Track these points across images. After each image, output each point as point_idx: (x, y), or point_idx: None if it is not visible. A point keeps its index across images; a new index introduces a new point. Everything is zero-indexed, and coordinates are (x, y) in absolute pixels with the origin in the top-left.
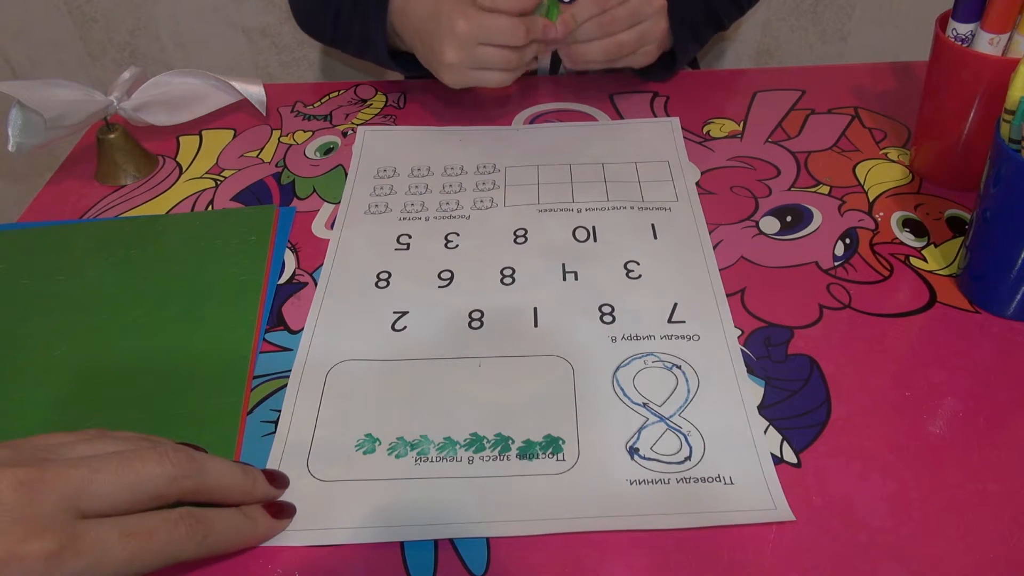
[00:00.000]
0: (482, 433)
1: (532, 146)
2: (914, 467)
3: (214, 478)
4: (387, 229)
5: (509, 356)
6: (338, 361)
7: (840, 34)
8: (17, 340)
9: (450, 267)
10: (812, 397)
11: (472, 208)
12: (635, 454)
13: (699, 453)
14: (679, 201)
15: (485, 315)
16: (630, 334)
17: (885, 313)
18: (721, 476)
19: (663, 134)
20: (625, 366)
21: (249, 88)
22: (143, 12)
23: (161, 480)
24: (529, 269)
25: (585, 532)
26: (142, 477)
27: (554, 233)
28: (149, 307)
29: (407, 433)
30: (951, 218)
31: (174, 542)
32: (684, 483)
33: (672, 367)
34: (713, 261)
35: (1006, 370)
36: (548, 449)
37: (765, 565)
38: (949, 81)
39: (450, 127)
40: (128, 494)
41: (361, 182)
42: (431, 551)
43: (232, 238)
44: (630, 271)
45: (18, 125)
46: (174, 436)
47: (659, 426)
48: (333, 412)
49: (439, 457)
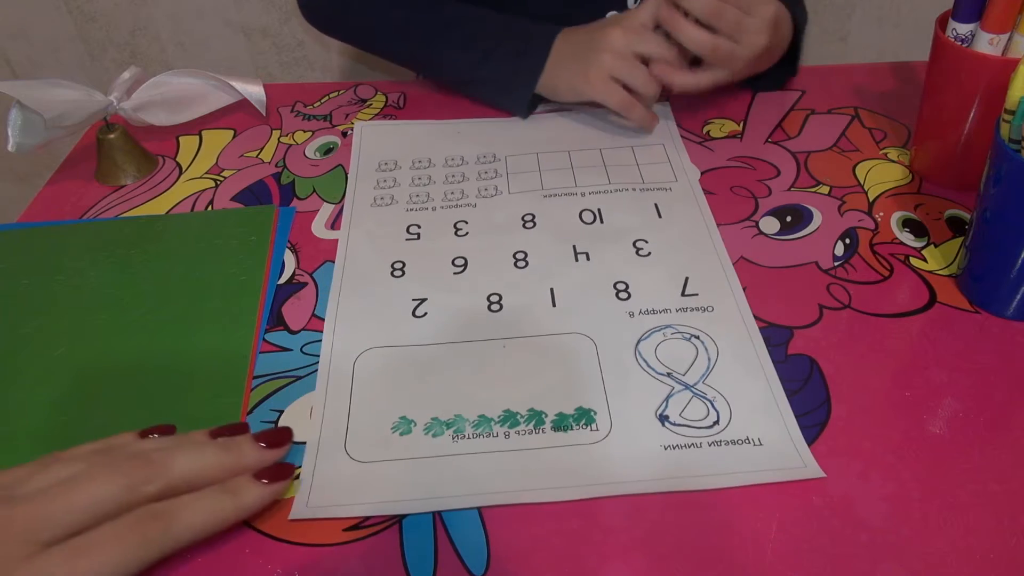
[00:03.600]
0: (515, 410)
1: (529, 136)
2: (914, 467)
3: (183, 471)
4: (396, 221)
5: (532, 336)
6: (363, 350)
7: (840, 34)
8: (17, 340)
9: (463, 254)
10: (812, 397)
11: (477, 196)
12: (666, 421)
13: (726, 417)
14: (678, 181)
15: (503, 299)
16: (647, 309)
17: (885, 313)
18: (750, 438)
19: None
20: (645, 339)
21: (249, 88)
22: (143, 12)
23: (119, 494)
24: (541, 252)
25: (587, 525)
26: (96, 498)
27: (561, 217)
28: (149, 307)
29: (441, 413)
30: (951, 218)
31: (129, 549)
32: (716, 446)
33: (691, 337)
34: (717, 235)
35: (1006, 370)
36: (581, 420)
37: (765, 565)
38: (949, 81)
39: (446, 120)
40: (87, 517)
41: (363, 177)
42: (431, 551)
43: (232, 238)
44: (639, 249)
45: (18, 125)
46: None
47: (685, 394)
48: (365, 398)
49: (475, 434)
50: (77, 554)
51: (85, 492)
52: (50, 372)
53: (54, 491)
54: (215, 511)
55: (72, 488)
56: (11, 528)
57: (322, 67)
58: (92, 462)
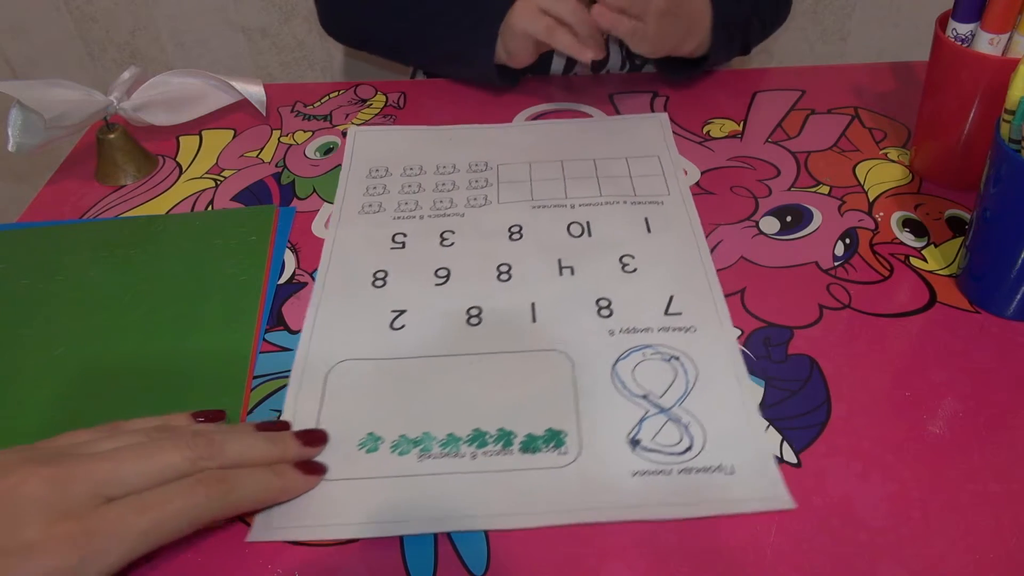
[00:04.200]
0: (484, 428)
1: (523, 144)
2: (914, 467)
3: (236, 454)
4: (382, 228)
5: (509, 352)
6: (338, 361)
7: (840, 34)
8: (17, 340)
9: (447, 265)
10: (812, 397)
11: (466, 206)
12: (636, 446)
13: (700, 443)
14: (671, 195)
15: (483, 312)
16: (628, 327)
17: (885, 313)
18: (722, 466)
19: (652, 129)
20: (624, 359)
21: (249, 88)
22: (143, 12)
23: (183, 465)
24: (525, 265)
25: (587, 526)
26: (164, 465)
27: (549, 229)
28: (149, 307)
29: (409, 431)
30: (951, 218)
31: (194, 506)
32: (686, 473)
33: (670, 359)
34: (707, 253)
35: (1006, 370)
36: (550, 442)
37: (765, 565)
38: (949, 81)
39: (441, 126)
40: (153, 482)
41: (354, 182)
42: (431, 551)
43: (232, 238)
44: (625, 265)
45: (18, 125)
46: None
47: (660, 417)
48: (334, 412)
49: (442, 453)
50: (149, 506)
51: (155, 458)
52: (50, 372)
53: (124, 454)
54: (266, 488)
55: (142, 453)
56: (84, 479)
57: (322, 67)
58: (156, 435)
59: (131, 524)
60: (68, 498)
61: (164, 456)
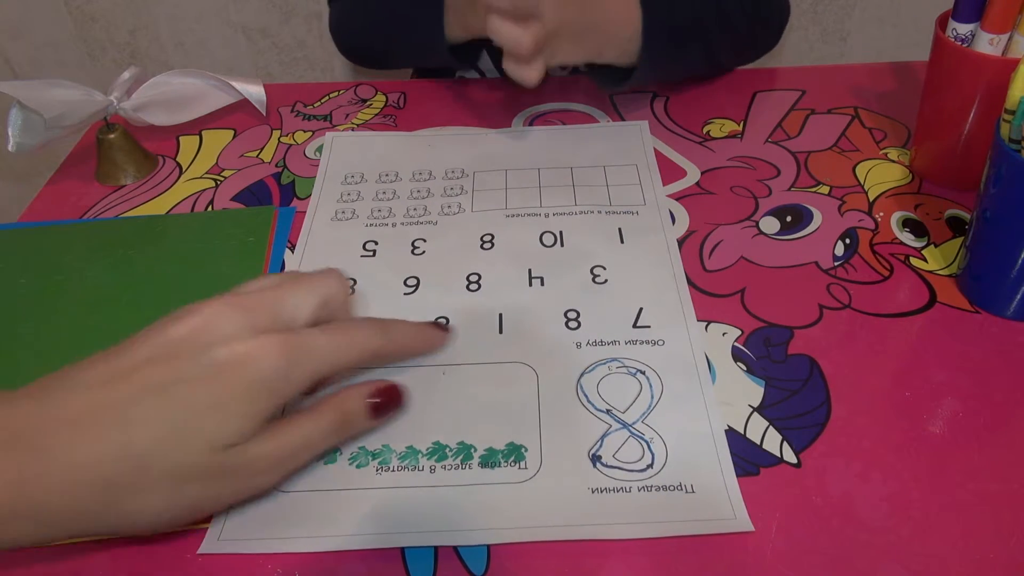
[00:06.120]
0: (444, 441)
1: (502, 149)
2: (914, 467)
3: (400, 345)
4: (353, 236)
5: (474, 363)
6: None
7: (840, 34)
8: (17, 340)
9: (416, 274)
10: (812, 397)
11: (440, 214)
12: (597, 462)
13: (661, 461)
14: (646, 205)
15: (450, 322)
16: (595, 340)
17: (885, 313)
18: (682, 484)
19: (631, 137)
20: (589, 372)
21: (249, 88)
22: (143, 12)
23: (371, 344)
24: (495, 275)
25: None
26: (355, 342)
27: (521, 238)
28: (149, 307)
29: (368, 442)
30: (951, 218)
31: (365, 337)
32: (645, 491)
33: (636, 372)
34: (679, 265)
35: (1006, 370)
36: (511, 457)
37: (765, 565)
38: (949, 81)
39: (423, 130)
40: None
41: (328, 189)
42: (431, 550)
43: (231, 239)
44: (596, 276)
45: (18, 125)
46: None
47: (622, 433)
48: None
49: (400, 467)
50: (331, 331)
51: (351, 337)
52: (50, 371)
53: (328, 329)
54: (415, 340)
55: (344, 333)
56: (270, 308)
57: (322, 67)
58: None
59: (321, 342)
60: (260, 321)
61: (358, 338)
